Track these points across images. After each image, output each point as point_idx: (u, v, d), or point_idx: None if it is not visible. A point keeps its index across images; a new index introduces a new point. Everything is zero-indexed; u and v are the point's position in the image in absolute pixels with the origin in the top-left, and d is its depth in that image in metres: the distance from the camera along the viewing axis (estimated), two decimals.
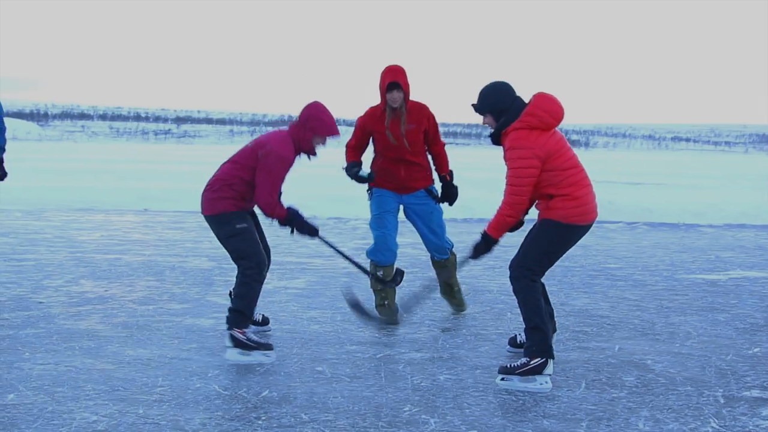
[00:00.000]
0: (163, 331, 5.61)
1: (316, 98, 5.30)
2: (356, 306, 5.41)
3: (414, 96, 5.79)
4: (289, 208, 5.12)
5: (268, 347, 4.97)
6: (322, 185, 16.39)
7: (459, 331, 5.79)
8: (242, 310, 4.99)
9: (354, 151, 5.94)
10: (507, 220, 4.60)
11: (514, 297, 4.72)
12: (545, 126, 4.54)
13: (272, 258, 5.47)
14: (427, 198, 5.99)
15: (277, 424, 3.89)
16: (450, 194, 6.07)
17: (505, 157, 4.59)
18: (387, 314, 5.84)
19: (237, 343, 4.94)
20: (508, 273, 4.68)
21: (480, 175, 23.31)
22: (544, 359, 4.52)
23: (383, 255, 5.88)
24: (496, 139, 4.70)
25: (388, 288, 5.93)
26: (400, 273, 5.92)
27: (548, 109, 4.55)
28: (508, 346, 5.29)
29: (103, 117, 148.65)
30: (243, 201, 5.10)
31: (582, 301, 6.94)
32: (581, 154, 4.92)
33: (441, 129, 6.12)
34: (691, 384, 4.62)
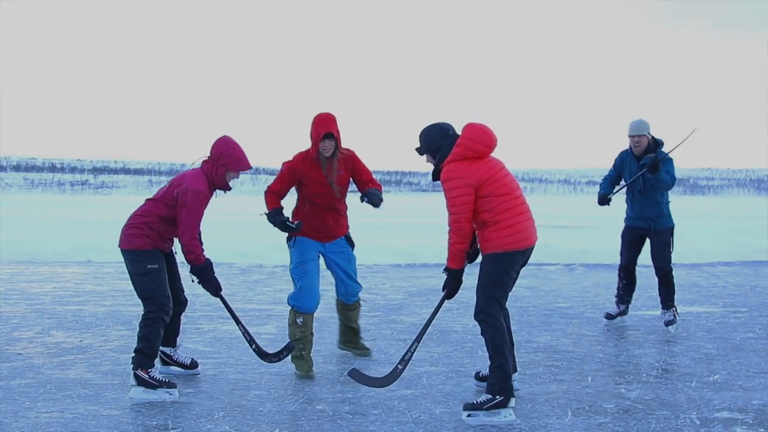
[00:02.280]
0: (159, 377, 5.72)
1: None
2: (360, 377, 5.25)
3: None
4: (207, 259, 5.38)
5: (171, 385, 5.20)
6: (268, 232, 16.57)
7: (439, 369, 6.07)
8: (145, 351, 5.22)
9: (276, 197, 5.91)
10: (457, 247, 4.87)
11: (481, 336, 5.00)
12: (476, 155, 4.82)
13: (234, 305, 5.65)
14: (347, 245, 6.20)
15: None
16: (374, 197, 5.99)
17: (443, 190, 4.88)
18: (301, 367, 5.83)
19: (141, 382, 5.18)
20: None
21: (415, 221, 23.78)
22: (505, 396, 4.77)
23: (307, 302, 5.88)
24: (436, 175, 5.00)
25: (305, 339, 5.89)
26: (288, 348, 5.78)
27: (476, 139, 4.84)
28: (475, 381, 5.57)
29: (17, 168, 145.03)
30: (160, 240, 5.33)
31: (545, 338, 7.31)
32: None
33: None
34: (666, 408, 5.01)
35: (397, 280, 11.57)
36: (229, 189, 5.46)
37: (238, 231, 18.30)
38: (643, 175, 7.43)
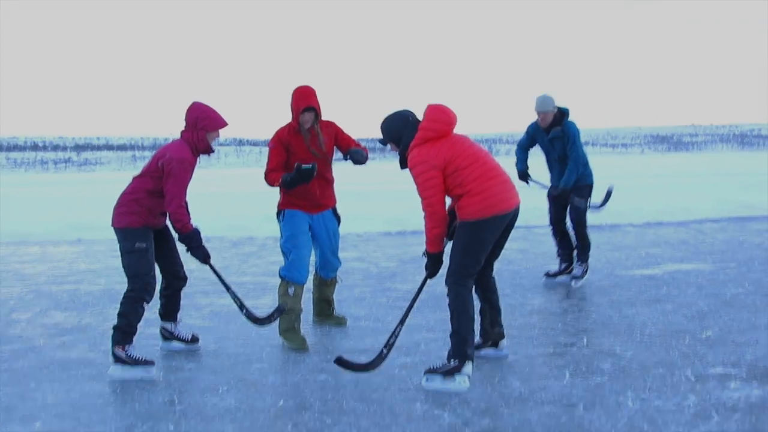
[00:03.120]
0: (156, 355, 5.77)
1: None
2: (346, 364, 5.20)
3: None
4: (194, 227, 5.46)
5: (148, 363, 5.25)
6: (258, 205, 16.57)
7: (437, 335, 6.13)
8: (123, 328, 5.30)
9: (276, 173, 6.00)
10: (434, 231, 4.98)
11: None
12: (438, 135, 4.91)
13: (229, 279, 5.70)
14: (333, 219, 6.28)
15: (306, 430, 4.18)
16: (357, 154, 6.08)
17: (412, 177, 4.98)
18: (294, 339, 5.88)
19: (117, 359, 5.25)
20: None
21: (404, 188, 23.83)
22: (460, 361, 4.85)
23: (298, 273, 5.93)
24: (404, 162, 5.11)
25: (296, 311, 5.96)
26: (279, 310, 5.84)
27: (437, 119, 4.95)
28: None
29: None
30: (151, 216, 5.40)
31: (538, 300, 7.42)
32: None
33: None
34: (661, 366, 5.12)
35: (389, 248, 11.64)
36: (212, 151, 5.53)
37: (227, 203, 18.29)
38: (553, 144, 7.87)
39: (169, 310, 5.84)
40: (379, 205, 18.01)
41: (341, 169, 6.23)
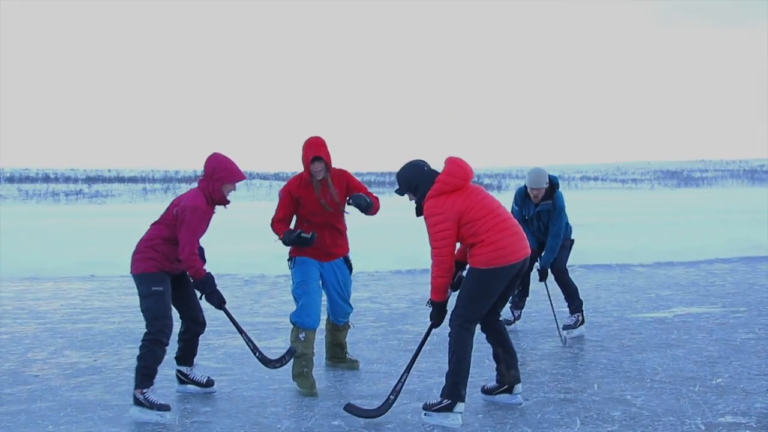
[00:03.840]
0: (171, 398, 5.86)
1: (222, 150, 5.67)
2: (355, 411, 5.32)
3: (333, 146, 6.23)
4: (207, 273, 5.56)
5: (163, 407, 5.34)
6: (268, 241, 16.67)
7: None
8: (141, 371, 5.41)
9: (282, 224, 6.20)
10: (440, 281, 5.16)
11: (486, 342, 5.43)
12: (454, 188, 5.11)
13: (241, 319, 5.80)
14: (344, 267, 6.40)
15: None
16: (359, 198, 6.14)
17: (426, 226, 5.14)
18: (304, 384, 5.93)
19: (136, 402, 5.37)
20: None
21: (416, 223, 23.90)
22: (452, 401, 5.06)
23: (309, 319, 6.02)
24: (419, 211, 5.28)
25: (307, 357, 6.02)
26: (291, 352, 5.93)
27: (453, 173, 5.16)
28: (481, 393, 5.70)
29: (10, 179, 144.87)
30: (167, 261, 5.53)
31: (549, 344, 7.47)
32: (498, 197, 5.36)
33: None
34: (671, 415, 5.17)
35: (400, 288, 11.71)
36: (228, 203, 5.67)
37: (237, 239, 18.41)
38: (540, 215, 7.86)
39: (186, 354, 5.92)
40: (389, 240, 18.11)
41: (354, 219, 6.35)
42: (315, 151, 6.06)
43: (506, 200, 7.17)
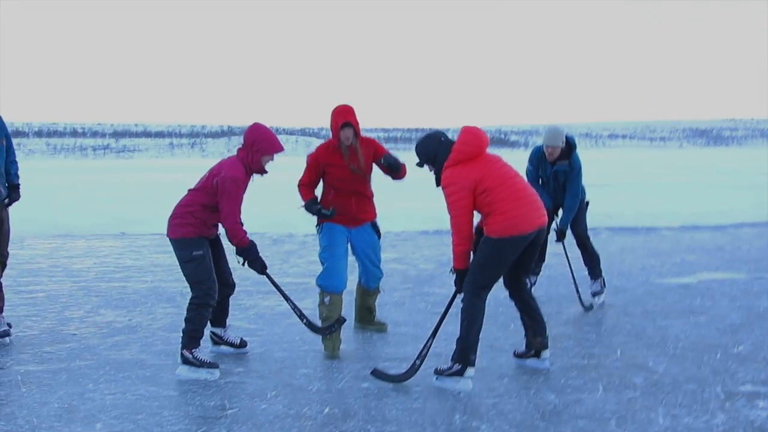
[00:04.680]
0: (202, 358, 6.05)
1: (250, 105, 5.84)
2: (382, 375, 5.50)
3: (354, 101, 6.37)
4: (251, 241, 5.73)
5: (212, 365, 5.57)
6: (296, 199, 16.83)
7: None
8: (190, 333, 5.60)
9: (308, 188, 6.36)
10: (460, 248, 5.30)
11: (513, 306, 5.60)
12: (469, 157, 5.20)
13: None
14: (372, 232, 6.53)
15: None
16: (390, 157, 6.33)
17: (444, 195, 5.28)
18: (329, 346, 6.09)
19: (185, 361, 5.57)
20: None
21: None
22: (462, 365, 5.22)
23: (334, 281, 6.17)
24: (439, 181, 5.38)
25: (332, 320, 6.15)
26: (340, 321, 6.10)
27: (469, 141, 5.25)
28: (514, 356, 5.85)
29: (39, 134, 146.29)
30: (204, 227, 5.68)
31: (574, 309, 7.60)
32: (522, 155, 5.47)
33: (381, 134, 6.64)
34: (693, 382, 5.29)
35: (427, 248, 11.85)
36: (266, 172, 5.80)
37: (265, 198, 18.59)
38: (557, 175, 7.78)
39: (218, 316, 6.11)
40: (416, 201, 18.22)
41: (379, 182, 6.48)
42: (344, 117, 6.18)
43: None
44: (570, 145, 7.71)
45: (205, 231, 5.68)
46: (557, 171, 7.75)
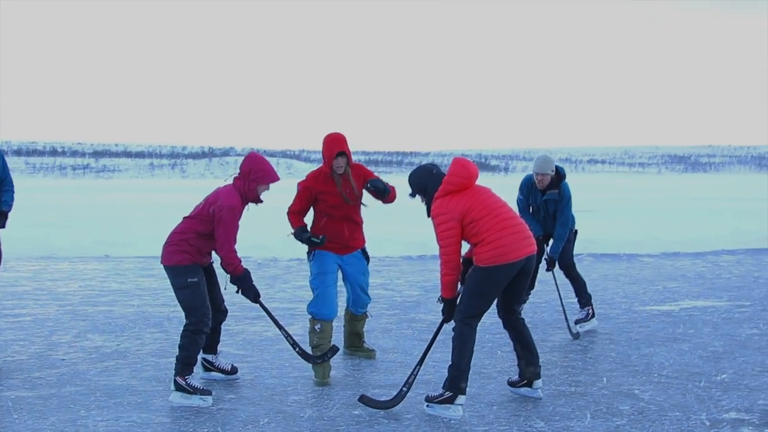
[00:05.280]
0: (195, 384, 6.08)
1: (229, 126, 5.95)
2: (369, 402, 5.57)
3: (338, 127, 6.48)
4: (245, 269, 5.83)
5: (205, 392, 5.61)
6: (279, 223, 16.84)
7: None
8: (183, 360, 5.66)
9: (297, 216, 6.42)
10: (448, 279, 5.41)
11: (502, 335, 5.69)
12: (458, 188, 5.33)
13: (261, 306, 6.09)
14: (362, 259, 6.64)
15: None
16: (377, 181, 6.40)
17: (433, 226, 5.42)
18: (319, 373, 6.12)
19: (178, 388, 5.62)
20: None
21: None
22: (453, 393, 5.30)
23: (325, 309, 6.25)
24: (429, 212, 5.52)
25: (323, 348, 6.22)
26: (333, 350, 6.17)
27: (458, 173, 5.39)
28: (508, 386, 5.91)
29: (18, 152, 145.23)
30: (199, 255, 5.76)
31: (558, 336, 7.69)
32: (501, 180, 5.60)
33: (362, 157, 6.78)
34: (678, 410, 5.39)
35: (411, 274, 11.93)
36: (261, 201, 5.87)
37: (250, 222, 18.57)
38: (546, 204, 7.93)
39: (210, 343, 6.15)
40: (399, 226, 18.29)
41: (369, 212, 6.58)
42: (338, 146, 6.29)
43: (514, 183, 7.32)
44: (560, 175, 7.88)
45: (200, 259, 5.75)
46: (547, 200, 7.89)
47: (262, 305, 6.00)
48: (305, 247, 6.52)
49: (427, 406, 5.38)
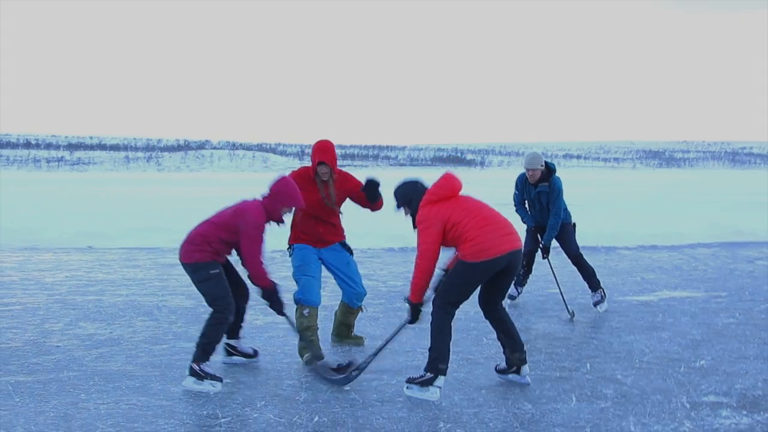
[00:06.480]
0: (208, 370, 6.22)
1: (211, 125, 6.25)
2: (321, 371, 5.98)
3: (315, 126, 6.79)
4: (274, 283, 6.09)
5: (216, 378, 5.79)
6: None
7: (450, 357, 6.59)
8: (204, 347, 5.85)
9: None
10: (419, 284, 5.67)
11: (486, 322, 5.91)
12: (441, 198, 5.59)
13: (251, 295, 6.33)
14: (343, 249, 6.88)
15: None
16: (372, 187, 6.77)
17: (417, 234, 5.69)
18: (314, 348, 6.38)
19: (192, 373, 5.80)
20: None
21: None
22: (433, 374, 5.52)
23: (311, 296, 6.51)
24: (414, 223, 5.78)
25: (312, 328, 6.53)
26: (360, 367, 6.21)
27: (443, 185, 5.68)
28: (496, 372, 6.10)
29: None
30: (217, 255, 6.01)
31: (542, 324, 7.92)
32: (477, 174, 5.90)
33: (339, 151, 7.08)
34: (659, 393, 5.61)
35: (394, 266, 12.12)
36: (283, 222, 6.15)
37: (207, 213, 18.68)
38: (540, 197, 8.61)
39: (234, 328, 6.39)
40: (380, 219, 18.44)
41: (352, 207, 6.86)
42: (322, 156, 6.61)
43: (490, 177, 7.51)
44: (550, 169, 8.54)
45: (218, 258, 6.00)
46: (540, 192, 8.54)
47: (287, 317, 6.24)
48: (286, 238, 6.82)
49: (407, 387, 5.58)
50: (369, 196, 6.75)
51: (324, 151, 6.63)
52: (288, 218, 6.20)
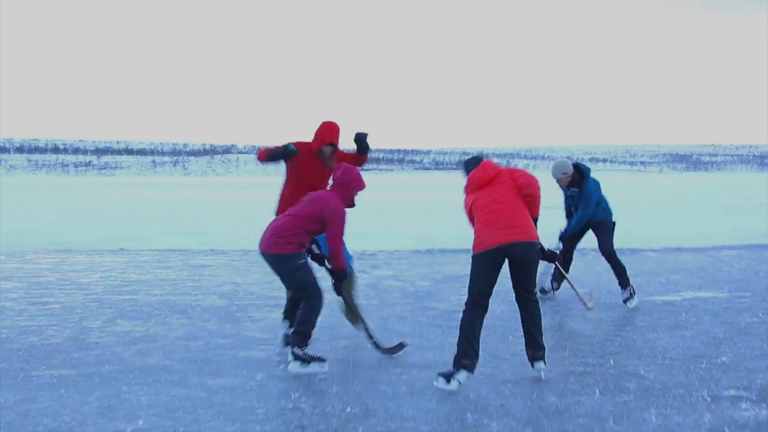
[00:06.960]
0: (226, 364, 6.47)
1: (237, 130, 6.82)
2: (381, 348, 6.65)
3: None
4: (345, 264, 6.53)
5: (321, 359, 6.26)
6: (264, 216, 17.24)
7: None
8: (302, 332, 6.30)
9: (267, 151, 7.34)
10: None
11: (512, 320, 6.37)
12: (472, 189, 6.15)
13: (273, 294, 6.73)
14: None
15: None
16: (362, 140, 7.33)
17: None
18: (352, 316, 7.03)
19: (296, 357, 6.24)
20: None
21: (429, 198, 24.47)
22: (456, 368, 5.80)
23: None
24: None
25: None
26: (401, 345, 6.85)
27: (470, 178, 6.18)
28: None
29: (20, 150, 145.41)
30: (302, 247, 6.44)
31: (568, 323, 8.09)
32: None
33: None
34: (681, 387, 5.76)
35: (421, 267, 12.29)
36: (354, 206, 6.63)
37: (235, 218, 18.97)
38: (572, 201, 9.26)
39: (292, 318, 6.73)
40: (407, 222, 18.71)
41: (374, 181, 7.14)
42: (330, 137, 7.19)
43: None
44: (581, 173, 9.02)
45: (302, 250, 6.43)
46: (571, 196, 9.15)
47: (344, 297, 6.75)
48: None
49: (435, 381, 5.84)
50: (360, 149, 7.29)
51: (331, 131, 7.18)
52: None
